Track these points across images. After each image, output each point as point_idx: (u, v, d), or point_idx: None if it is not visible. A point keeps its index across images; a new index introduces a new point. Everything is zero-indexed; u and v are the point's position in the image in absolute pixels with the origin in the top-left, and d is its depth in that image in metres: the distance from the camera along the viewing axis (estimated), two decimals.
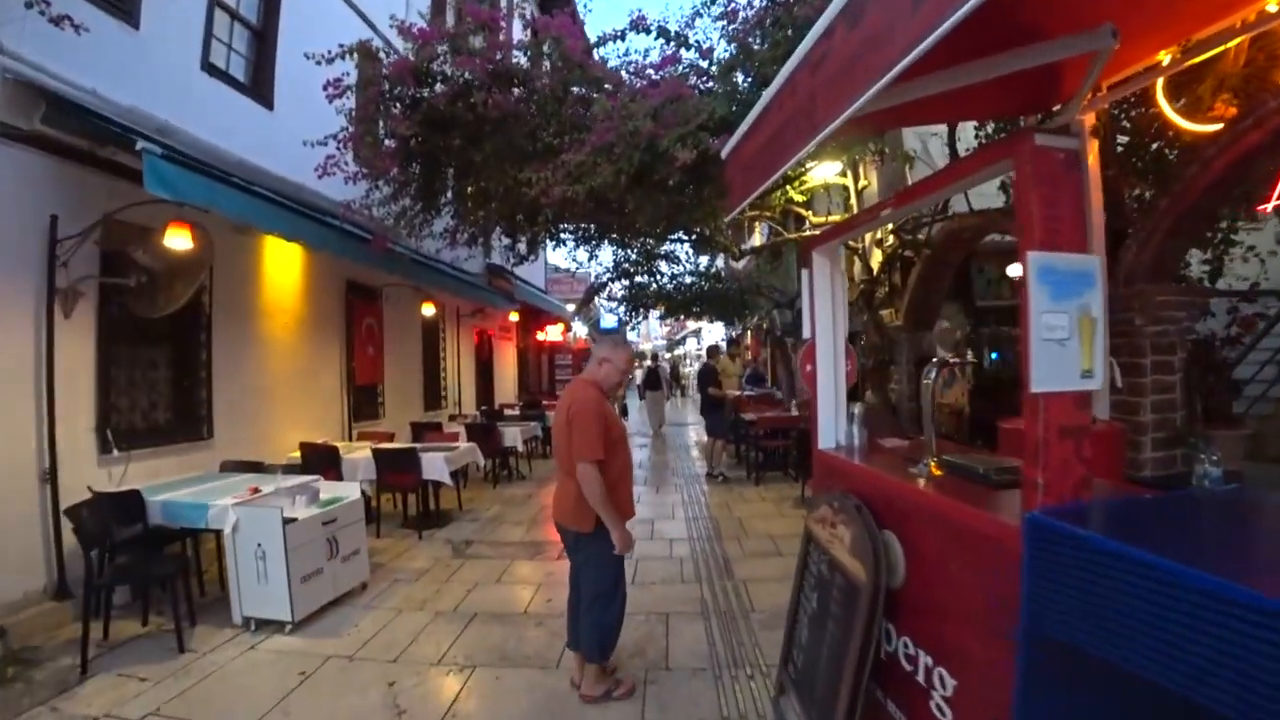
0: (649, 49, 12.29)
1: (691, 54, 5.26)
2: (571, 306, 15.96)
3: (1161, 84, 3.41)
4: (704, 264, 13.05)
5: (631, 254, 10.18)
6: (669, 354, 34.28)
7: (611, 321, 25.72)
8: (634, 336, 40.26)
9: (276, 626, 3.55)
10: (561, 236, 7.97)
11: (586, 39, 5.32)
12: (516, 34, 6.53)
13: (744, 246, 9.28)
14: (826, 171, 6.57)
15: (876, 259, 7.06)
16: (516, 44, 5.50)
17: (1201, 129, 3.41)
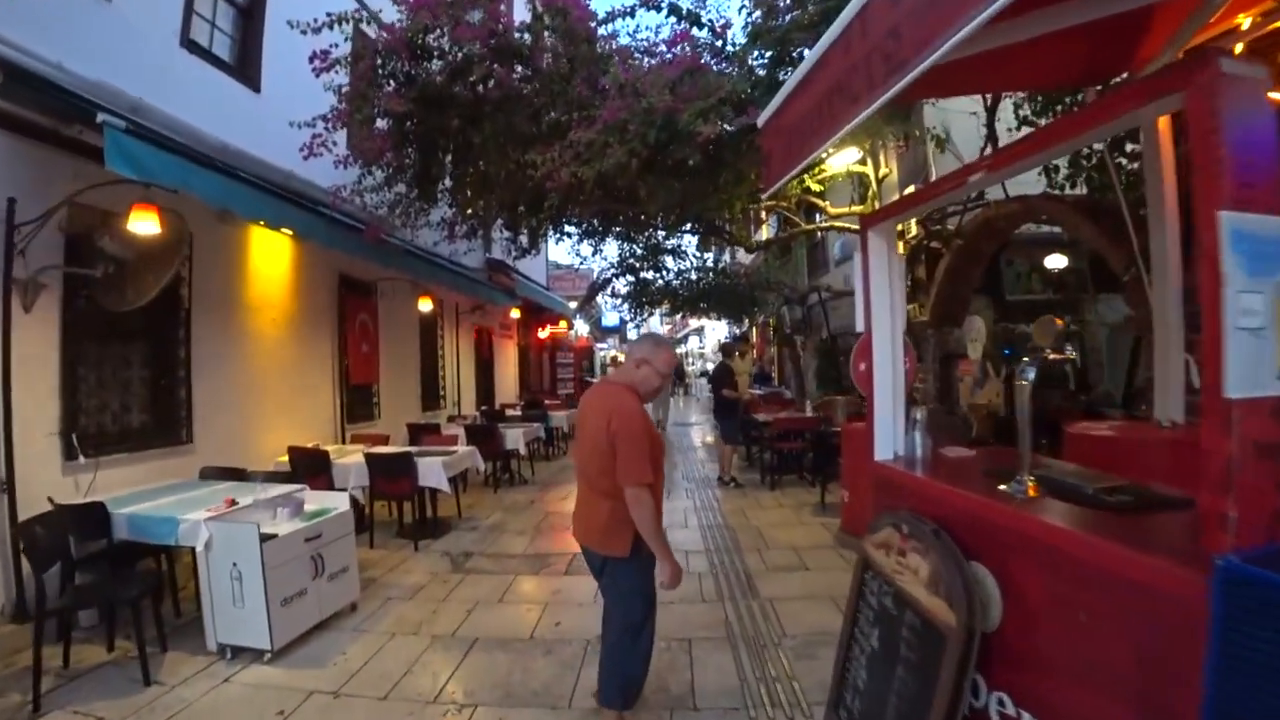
0: (659, 25, 11.93)
1: (704, 33, 4.90)
2: (574, 304, 15.59)
3: (1240, 51, 3.07)
4: (709, 259, 12.72)
5: (637, 249, 9.83)
6: None
7: (614, 319, 25.39)
8: (634, 336, 39.94)
9: (255, 655, 3.18)
10: (566, 229, 7.60)
11: (593, 13, 4.94)
12: (519, 15, 6.13)
13: (755, 239, 8.87)
14: (844, 160, 6.21)
15: (899, 250, 6.70)
16: (519, 25, 5.15)
17: None
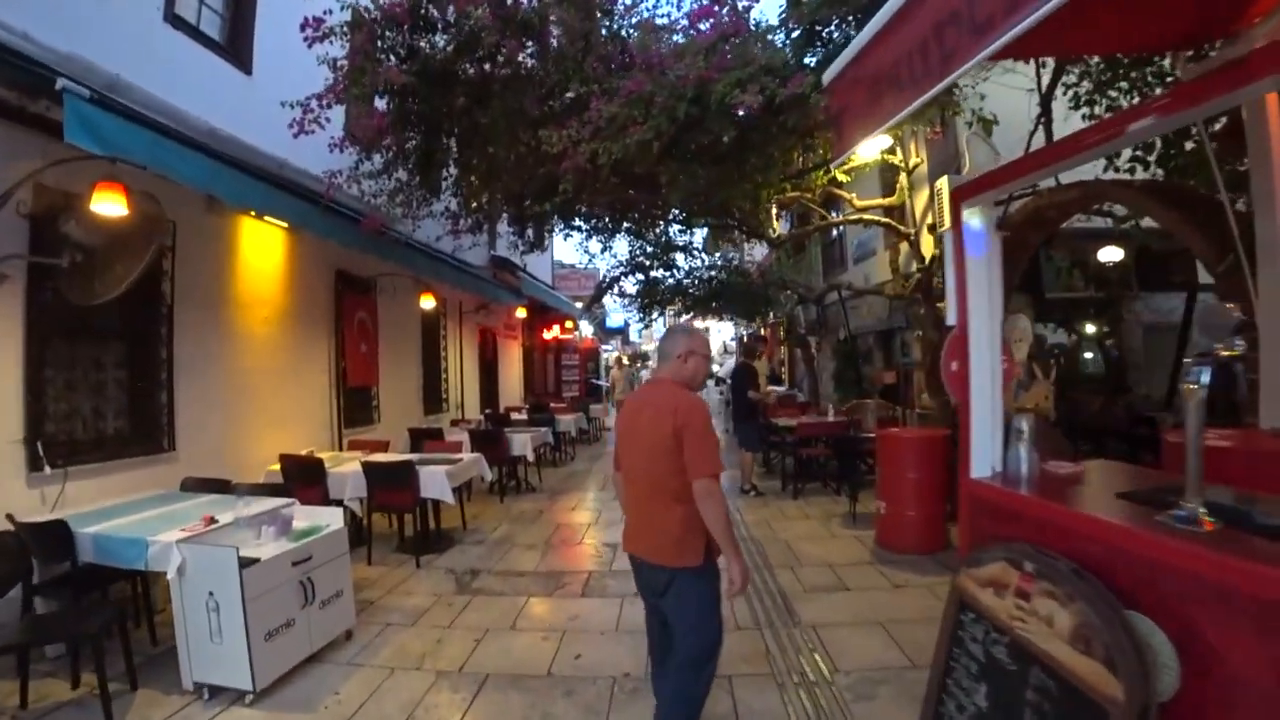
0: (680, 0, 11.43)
1: (724, 11, 4.51)
2: (580, 304, 15.20)
3: None
4: (716, 258, 12.31)
5: (648, 246, 9.44)
6: None
7: (618, 321, 24.97)
8: (637, 337, 39.42)
9: (235, 695, 2.78)
10: (575, 222, 7.20)
11: None
12: None
13: (781, 233, 8.43)
14: (877, 147, 5.81)
15: (929, 244, 6.30)
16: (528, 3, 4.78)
17: None
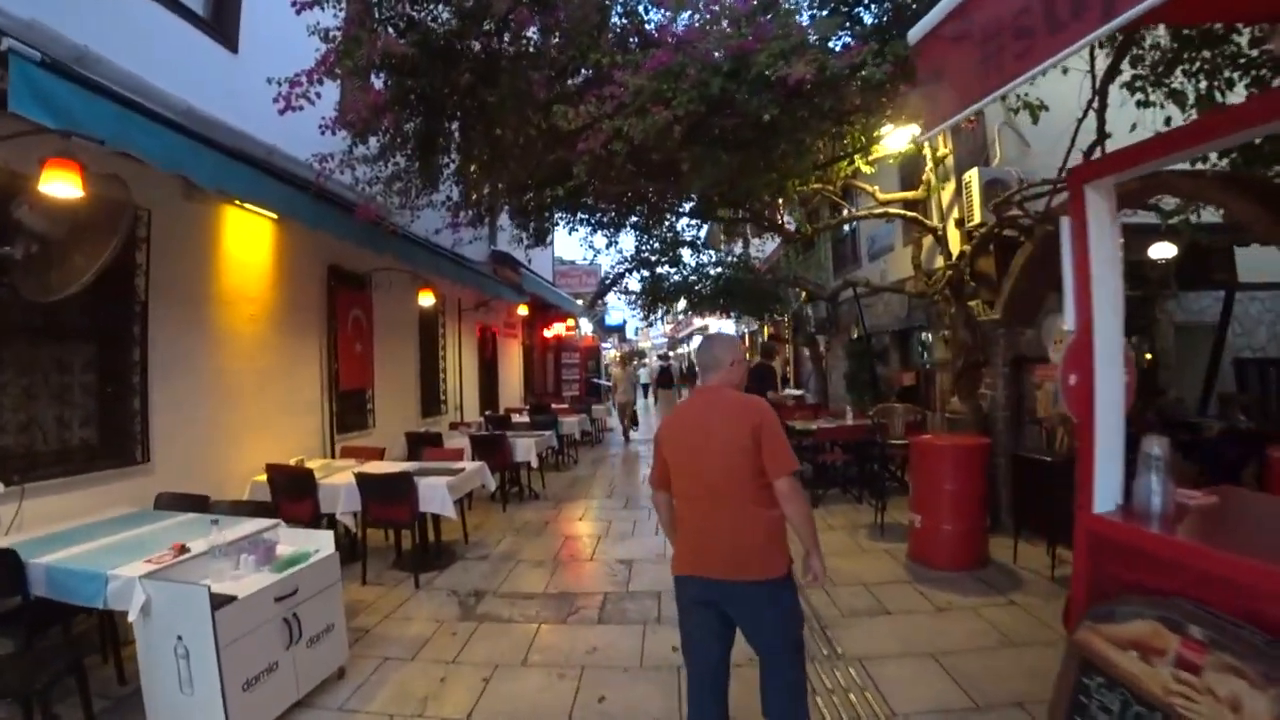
0: None
1: None
2: (581, 301, 14.83)
3: None
4: (722, 253, 11.96)
5: (655, 242, 9.07)
6: (671, 354, 33.07)
7: (617, 319, 24.61)
8: (633, 335, 39.03)
9: None
10: (581, 216, 6.82)
11: None
12: None
13: (799, 228, 8.03)
14: (903, 138, 5.45)
15: (955, 240, 5.97)
16: None
17: None
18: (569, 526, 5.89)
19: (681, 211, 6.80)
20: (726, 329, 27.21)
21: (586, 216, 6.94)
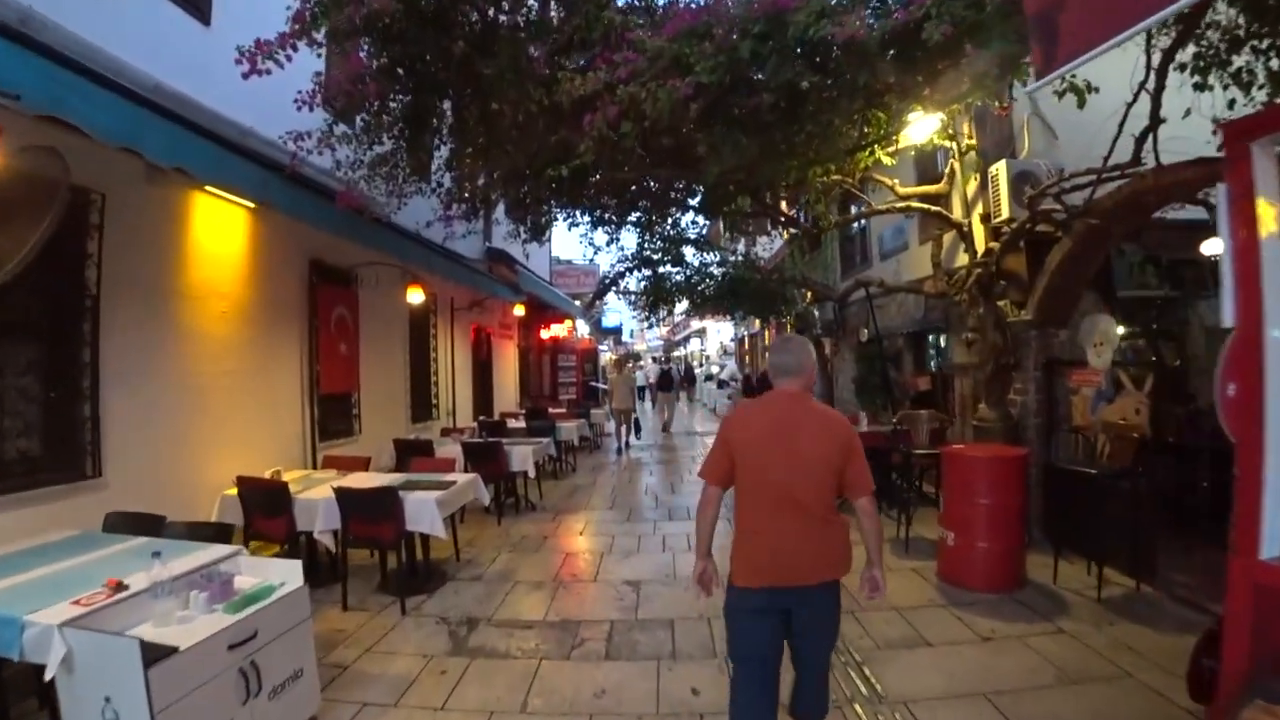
0: None
1: None
2: (578, 301, 14.44)
3: None
4: (724, 251, 11.60)
5: (657, 240, 8.70)
6: (668, 357, 32.73)
7: (614, 321, 24.27)
8: (629, 337, 38.65)
9: None
10: (581, 208, 6.43)
11: None
12: None
13: (823, 220, 7.62)
14: (928, 129, 5.09)
15: (981, 236, 5.61)
16: None
17: None
18: (569, 541, 5.48)
19: (689, 205, 6.41)
20: (725, 331, 26.90)
21: (587, 209, 6.54)
